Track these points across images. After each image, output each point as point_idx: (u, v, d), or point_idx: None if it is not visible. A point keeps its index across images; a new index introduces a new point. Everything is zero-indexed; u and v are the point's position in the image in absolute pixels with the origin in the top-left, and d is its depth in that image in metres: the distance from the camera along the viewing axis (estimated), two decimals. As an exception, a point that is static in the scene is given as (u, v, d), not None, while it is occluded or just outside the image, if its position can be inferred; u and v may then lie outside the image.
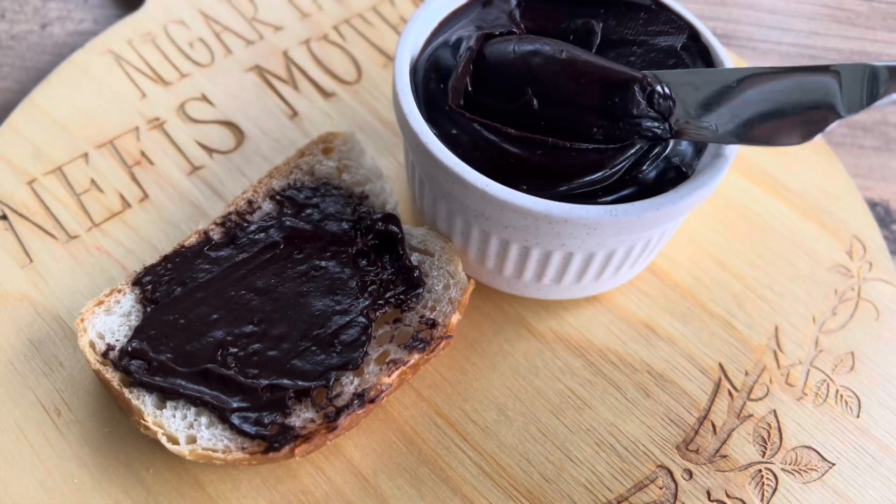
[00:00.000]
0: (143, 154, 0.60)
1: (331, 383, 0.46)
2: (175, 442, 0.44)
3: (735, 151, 0.49)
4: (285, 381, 0.46)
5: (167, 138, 0.61)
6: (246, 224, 0.52)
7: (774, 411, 0.52)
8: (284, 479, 0.47)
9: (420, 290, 0.50)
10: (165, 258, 0.51)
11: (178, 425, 0.45)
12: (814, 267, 0.59)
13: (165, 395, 0.46)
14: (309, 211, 0.53)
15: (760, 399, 0.52)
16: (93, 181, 0.58)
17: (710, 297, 0.56)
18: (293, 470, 0.47)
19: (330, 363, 0.46)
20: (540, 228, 0.46)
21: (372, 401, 0.45)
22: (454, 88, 0.49)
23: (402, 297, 0.50)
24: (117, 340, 0.47)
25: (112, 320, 0.48)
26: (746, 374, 0.53)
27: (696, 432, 0.51)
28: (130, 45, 0.67)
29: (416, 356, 0.47)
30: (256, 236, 0.52)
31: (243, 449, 0.44)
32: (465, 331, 0.53)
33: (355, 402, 0.45)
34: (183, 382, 0.46)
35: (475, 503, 0.47)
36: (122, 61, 0.65)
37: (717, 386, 0.53)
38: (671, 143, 0.48)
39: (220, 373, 0.46)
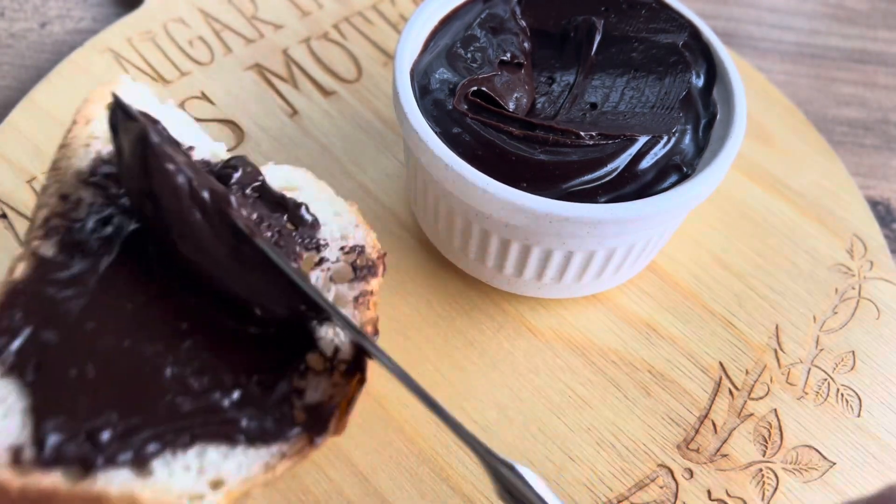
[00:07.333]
0: (142, 152, 0.60)
1: (320, 346, 0.40)
2: (201, 497, 0.35)
3: (736, 150, 0.49)
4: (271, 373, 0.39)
5: (167, 137, 0.61)
6: (78, 223, 0.41)
7: (775, 410, 0.52)
8: (284, 478, 0.47)
9: (312, 221, 0.45)
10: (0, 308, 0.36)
11: (186, 480, 0.35)
12: (814, 266, 0.59)
13: (142, 460, 0.34)
14: None
15: (761, 398, 0.52)
16: (92, 180, 0.58)
17: (710, 296, 0.56)
18: (292, 469, 0.47)
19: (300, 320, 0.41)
20: (540, 227, 0.46)
21: (376, 333, 0.42)
22: (461, 89, 0.48)
23: (307, 237, 0.44)
24: (17, 440, 0.33)
25: None
26: (747, 373, 0.53)
27: (697, 431, 0.51)
28: (130, 43, 0.66)
29: (374, 281, 0.44)
30: (104, 232, 0.40)
31: (283, 455, 0.37)
32: (464, 329, 0.53)
33: (359, 353, 0.40)
34: (150, 430, 0.35)
35: (476, 502, 0.47)
36: (122, 60, 0.65)
37: (718, 385, 0.53)
38: (672, 141, 0.48)
39: (189, 402, 0.36)
